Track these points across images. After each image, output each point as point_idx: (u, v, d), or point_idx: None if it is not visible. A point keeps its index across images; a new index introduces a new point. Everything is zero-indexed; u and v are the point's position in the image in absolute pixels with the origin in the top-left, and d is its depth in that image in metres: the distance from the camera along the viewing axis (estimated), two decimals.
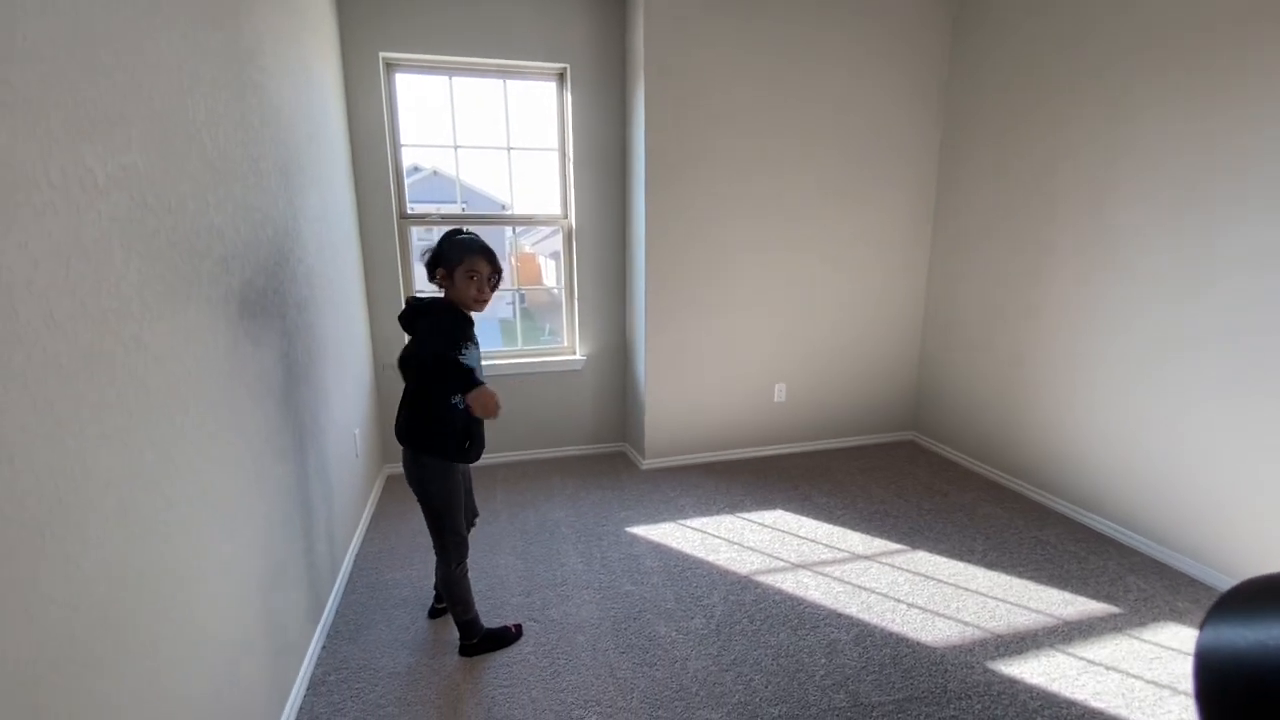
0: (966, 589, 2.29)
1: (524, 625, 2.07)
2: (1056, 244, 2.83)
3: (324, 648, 1.98)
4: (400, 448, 1.86)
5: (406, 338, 1.84)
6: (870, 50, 3.27)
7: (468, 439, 1.83)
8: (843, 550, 2.56)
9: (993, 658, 1.93)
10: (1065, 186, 2.77)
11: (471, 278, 1.76)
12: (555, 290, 3.65)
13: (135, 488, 1.03)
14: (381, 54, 2.99)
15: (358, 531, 2.65)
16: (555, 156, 3.42)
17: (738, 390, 3.49)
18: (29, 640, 0.79)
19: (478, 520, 2.07)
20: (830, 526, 2.76)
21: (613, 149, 3.36)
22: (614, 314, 3.58)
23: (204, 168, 1.36)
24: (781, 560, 2.48)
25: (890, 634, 2.05)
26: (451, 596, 1.92)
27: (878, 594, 2.26)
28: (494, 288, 1.82)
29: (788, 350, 3.53)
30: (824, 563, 2.46)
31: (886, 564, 2.46)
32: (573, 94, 3.24)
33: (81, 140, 0.94)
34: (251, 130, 1.66)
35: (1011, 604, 2.20)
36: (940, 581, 2.34)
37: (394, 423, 1.89)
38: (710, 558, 2.49)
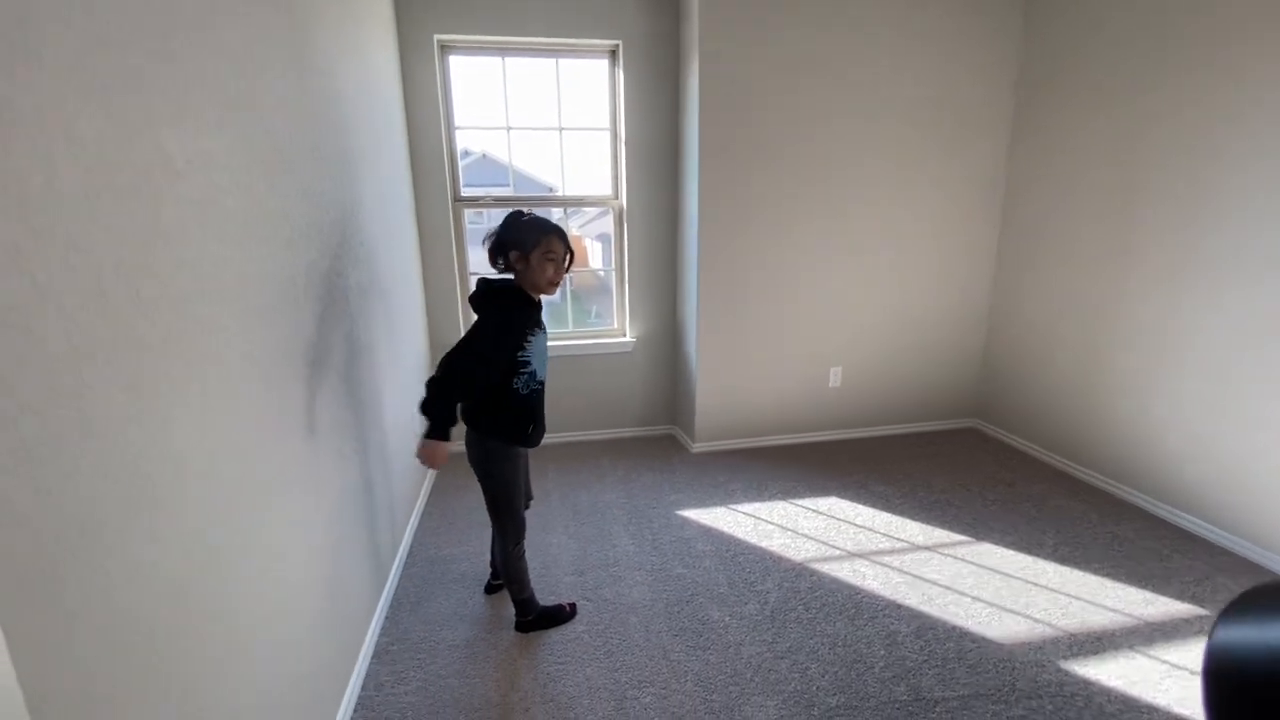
0: (1036, 584, 2.18)
1: (577, 604, 2.10)
2: (1145, 220, 2.62)
3: (387, 617, 2.05)
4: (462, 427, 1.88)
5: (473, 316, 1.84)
6: (938, 14, 3.09)
7: (531, 423, 1.85)
8: (901, 540, 2.48)
9: (1065, 657, 1.84)
10: (1156, 157, 2.56)
11: (550, 260, 1.73)
12: (602, 273, 3.64)
13: (213, 464, 1.07)
14: (436, 36, 3.00)
15: (416, 507, 2.73)
16: (606, 136, 3.38)
17: (791, 374, 3.41)
18: (117, 609, 0.83)
19: (532, 502, 2.10)
20: (888, 515, 2.68)
21: (664, 127, 3.29)
22: (664, 296, 3.54)
23: (272, 152, 1.39)
24: (837, 549, 2.42)
25: (953, 628, 1.97)
26: (509, 575, 1.96)
27: (939, 586, 2.18)
28: (567, 269, 1.79)
29: (843, 333, 3.42)
30: (882, 552, 2.39)
31: (948, 555, 2.37)
32: (625, 72, 3.19)
33: (160, 126, 0.96)
34: (314, 115, 1.69)
35: (1086, 601, 2.09)
36: (1007, 575, 2.24)
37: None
38: (763, 543, 2.46)
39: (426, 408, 1.70)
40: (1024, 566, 2.29)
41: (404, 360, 2.65)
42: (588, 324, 3.92)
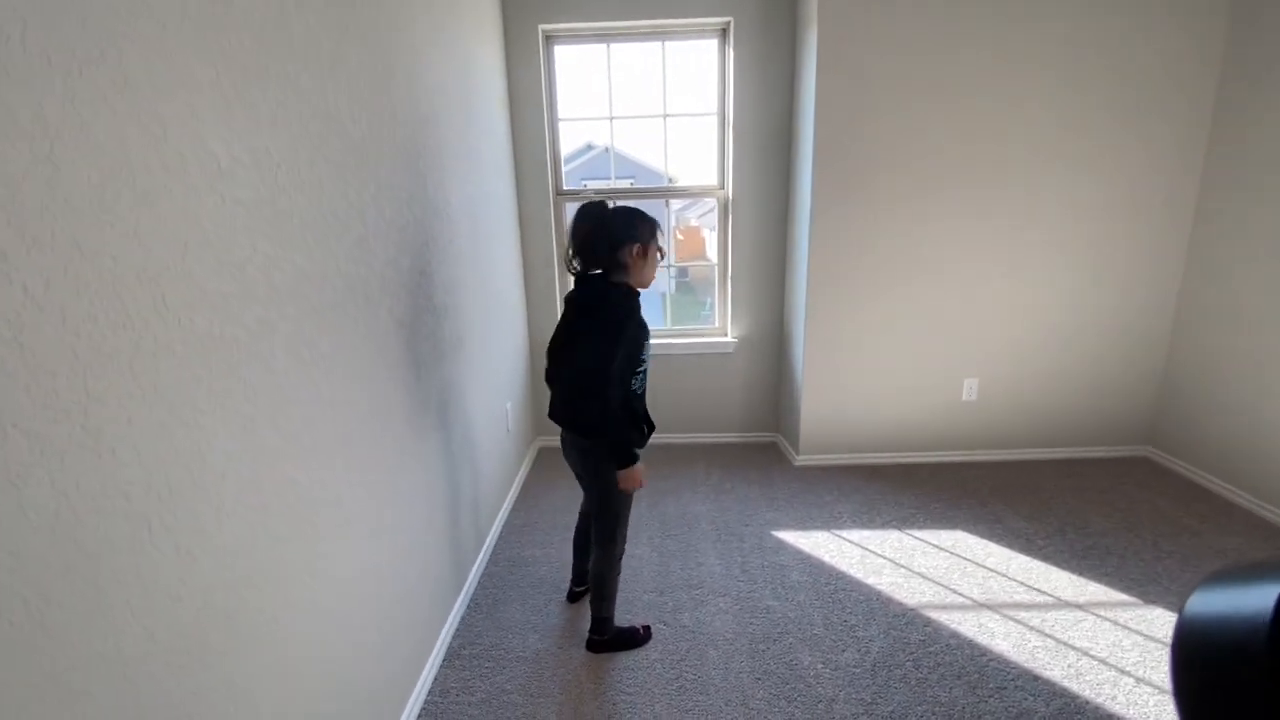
0: None
1: (653, 628, 1.95)
2: None
3: (463, 619, 2.03)
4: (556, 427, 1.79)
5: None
6: None
7: (646, 424, 1.75)
8: (1044, 593, 2.07)
9: None
10: None
11: (660, 252, 1.71)
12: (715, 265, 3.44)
13: (258, 472, 1.04)
14: (541, 26, 2.95)
15: (505, 503, 2.72)
16: (713, 123, 3.17)
17: (915, 384, 3.02)
18: (135, 633, 0.79)
19: None
20: (1028, 559, 2.26)
21: (777, 112, 3.02)
22: (771, 293, 3.28)
23: (345, 149, 1.35)
24: (960, 595, 2.07)
25: (1110, 715, 1.59)
26: (600, 587, 1.83)
27: (1093, 658, 1.78)
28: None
29: (982, 340, 2.97)
30: (1017, 605, 2.01)
31: (1106, 618, 1.94)
32: (735, 51, 2.95)
33: (202, 123, 0.92)
34: (396, 111, 1.66)
35: None
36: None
37: (551, 406, 1.82)
38: (869, 580, 2.16)
39: (617, 449, 1.64)
40: None
41: (497, 356, 2.64)
42: (700, 318, 3.77)
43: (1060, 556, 2.27)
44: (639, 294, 1.68)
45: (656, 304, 3.99)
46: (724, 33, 3.02)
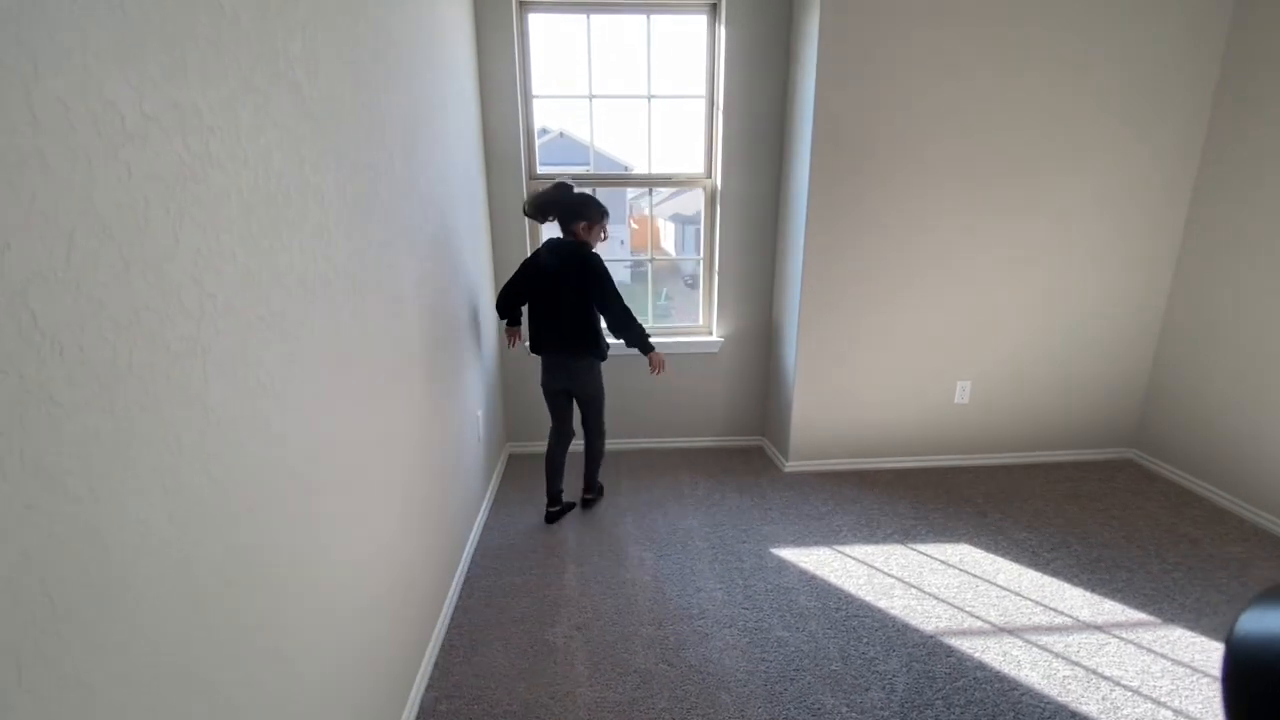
0: None
1: (656, 669, 1.75)
2: None
3: (437, 665, 1.77)
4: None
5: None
6: None
7: (607, 345, 2.47)
8: (1061, 613, 1.97)
9: None
10: None
11: (604, 237, 2.44)
12: (675, 256, 3.22)
13: (271, 476, 0.76)
14: None
15: (477, 522, 2.46)
16: (701, 106, 2.94)
17: (908, 386, 2.90)
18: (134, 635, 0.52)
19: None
20: (1038, 575, 2.16)
21: (771, 97, 2.82)
22: (760, 290, 3.10)
23: (299, 114, 1.07)
24: (978, 618, 1.95)
25: None
26: (597, 462, 2.61)
27: (1125, 688, 1.68)
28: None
29: (975, 342, 2.87)
30: (1037, 629, 1.90)
31: (1129, 641, 1.85)
32: (727, 28, 2.73)
33: (95, 63, 0.64)
34: (362, 72, 1.36)
35: None
36: (1218, 679, 1.70)
37: (540, 335, 2.41)
38: (881, 603, 2.02)
39: (639, 339, 2.39)
40: None
41: (466, 359, 2.36)
42: (657, 307, 3.56)
43: (1069, 571, 2.18)
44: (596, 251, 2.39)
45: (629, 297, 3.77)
46: (714, 9, 2.80)
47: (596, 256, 2.36)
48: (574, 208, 2.31)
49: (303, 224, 1.08)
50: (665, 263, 3.76)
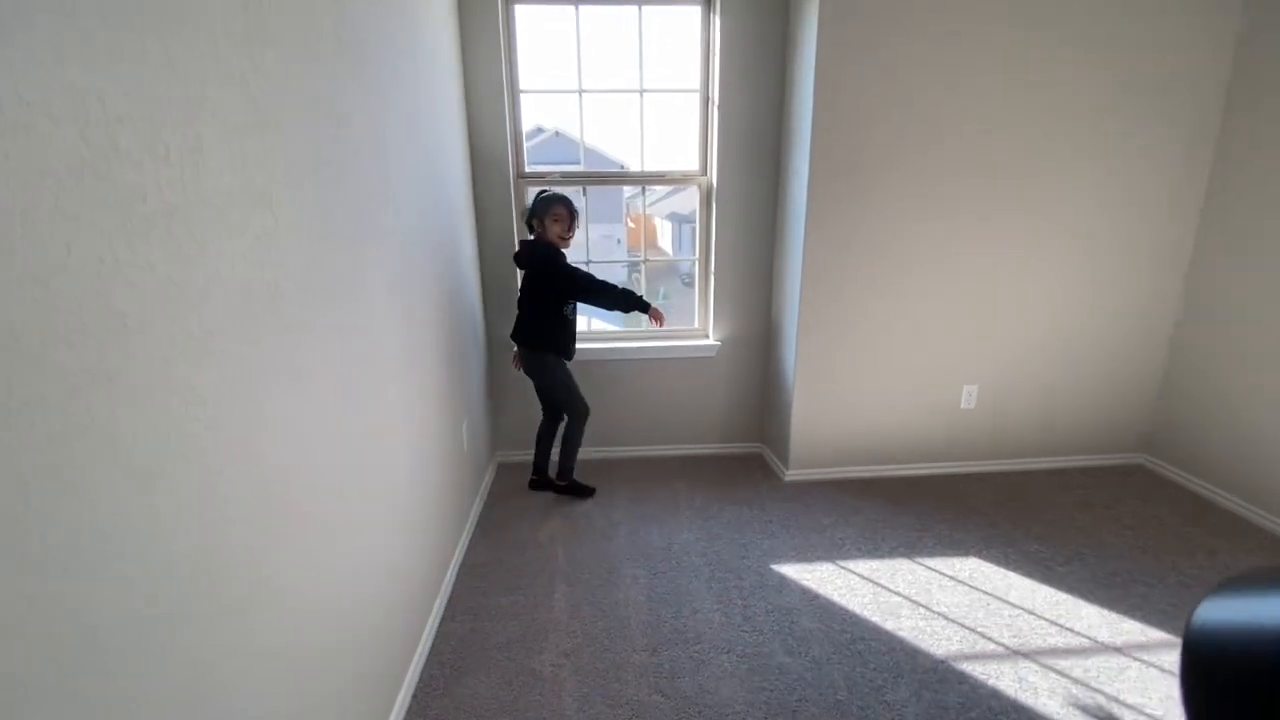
0: None
1: (650, 699, 1.63)
2: None
3: (414, 698, 1.65)
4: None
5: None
6: None
7: (572, 341, 2.59)
8: (1078, 633, 1.86)
9: None
10: None
11: (556, 221, 2.45)
12: (672, 255, 3.11)
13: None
14: None
15: (463, 537, 2.34)
16: (695, 101, 2.83)
17: (912, 391, 2.79)
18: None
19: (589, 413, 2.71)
20: (1052, 590, 2.06)
21: (768, 90, 2.71)
22: (757, 291, 2.98)
23: (243, 103, 0.95)
24: (991, 640, 1.84)
25: None
26: (570, 448, 2.68)
27: (1148, 717, 1.57)
28: (573, 230, 2.50)
29: (982, 345, 2.77)
30: (1054, 652, 1.79)
31: (1151, 665, 1.74)
32: (722, 19, 2.62)
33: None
34: (324, 62, 1.25)
35: None
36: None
37: (513, 330, 2.61)
38: (888, 624, 1.91)
39: (630, 300, 2.48)
40: None
41: (450, 365, 2.25)
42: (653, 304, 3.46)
43: (1084, 586, 2.08)
44: (559, 249, 2.49)
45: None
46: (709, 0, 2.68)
47: (553, 254, 2.44)
48: (533, 207, 2.48)
49: (246, 228, 0.96)
50: (661, 262, 3.65)
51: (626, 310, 2.51)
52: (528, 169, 2.85)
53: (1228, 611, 0.41)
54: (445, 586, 2.06)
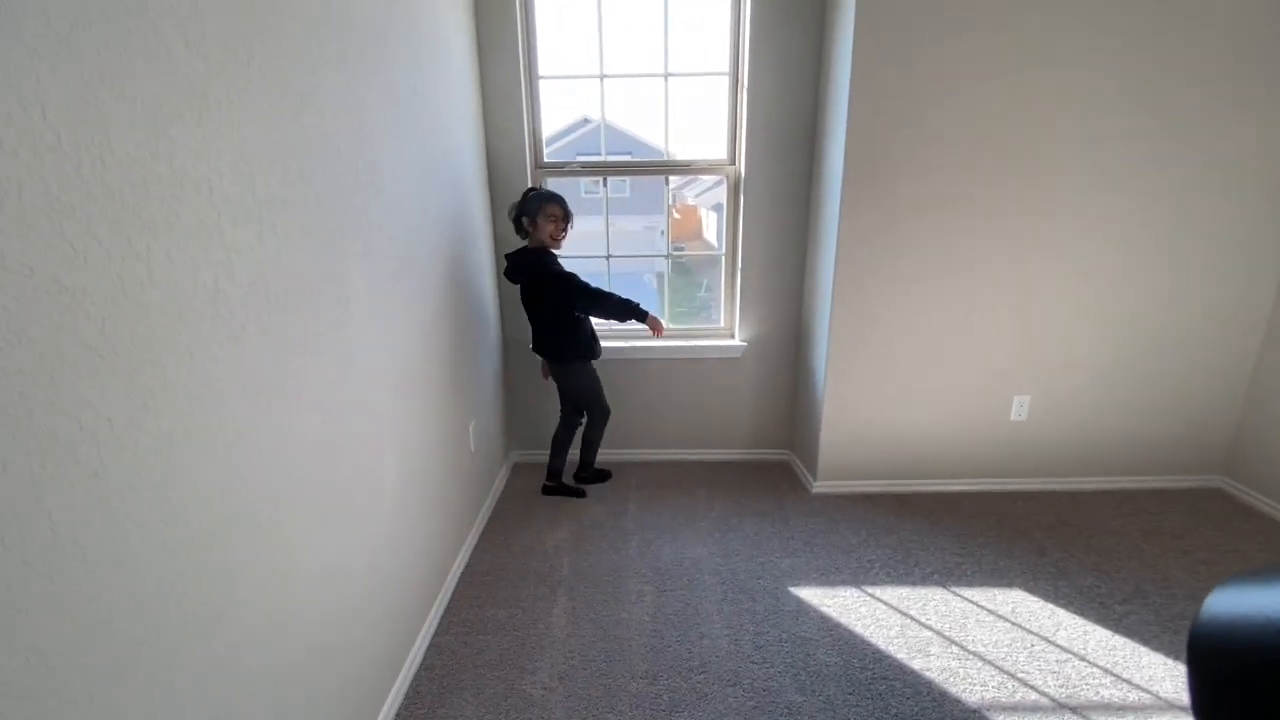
0: None
1: None
2: None
3: (397, 716, 1.57)
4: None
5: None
6: None
7: (594, 339, 2.47)
8: (1138, 686, 1.64)
9: None
10: None
11: (551, 220, 2.28)
12: (717, 247, 2.95)
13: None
14: None
15: (468, 541, 2.26)
16: (724, 85, 2.65)
17: (956, 400, 2.56)
18: None
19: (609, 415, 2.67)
20: (1107, 633, 1.83)
21: (802, 72, 2.51)
22: (788, 289, 2.79)
23: (166, 82, 0.85)
24: (1033, 689, 1.63)
25: None
26: (590, 445, 2.67)
27: None
28: (565, 229, 2.35)
29: (1036, 351, 2.51)
30: (1108, 707, 1.57)
31: None
32: None
33: None
34: (292, 39, 1.15)
35: None
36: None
37: (532, 344, 2.54)
38: (915, 663, 1.72)
39: (626, 310, 2.37)
40: None
41: (459, 364, 2.16)
42: (695, 300, 3.31)
43: (1146, 630, 1.84)
44: (551, 253, 2.35)
45: (649, 287, 3.53)
46: None
47: (545, 259, 2.30)
48: (518, 207, 2.32)
49: (174, 223, 0.87)
50: (699, 257, 3.52)
51: (623, 320, 2.40)
52: (546, 159, 2.73)
53: (1234, 604, 0.41)
54: (444, 594, 1.98)
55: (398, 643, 1.63)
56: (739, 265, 2.78)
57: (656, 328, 2.43)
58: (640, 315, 2.39)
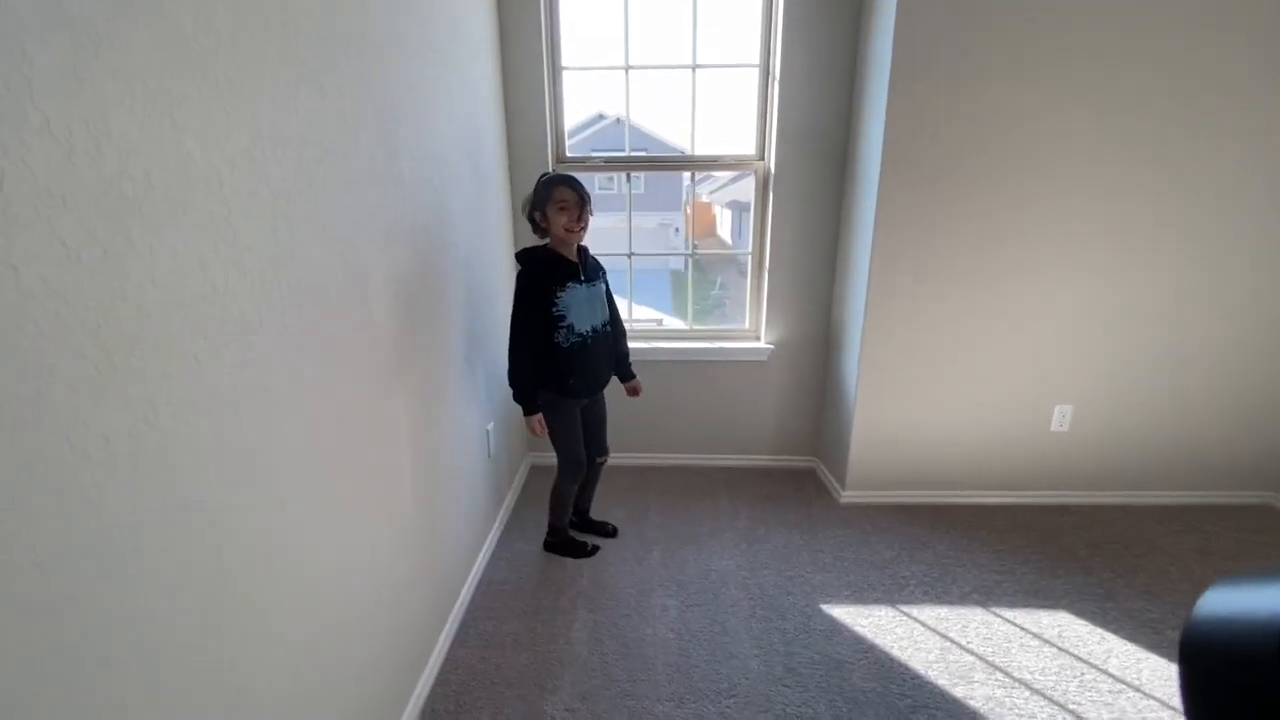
0: None
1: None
2: None
3: None
4: None
5: None
6: None
7: (571, 375, 1.96)
8: None
9: None
10: None
11: (562, 209, 1.87)
12: (732, 245, 2.84)
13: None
14: None
15: (484, 548, 2.19)
16: (754, 76, 2.54)
17: (994, 408, 2.45)
18: None
19: (604, 459, 2.26)
20: (1161, 661, 1.71)
21: (838, 65, 2.40)
22: (818, 290, 2.69)
23: (166, 62, 0.78)
24: None
25: None
26: (553, 501, 2.18)
27: None
28: (583, 218, 1.89)
29: (1079, 359, 2.38)
30: None
31: None
32: None
33: None
34: (304, 20, 1.07)
35: None
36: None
37: None
38: (957, 690, 1.62)
39: (510, 380, 1.94)
40: None
41: (474, 366, 2.08)
42: (709, 296, 3.21)
43: None
44: (556, 254, 1.93)
45: (666, 285, 3.44)
46: None
47: (524, 259, 1.93)
48: (534, 195, 1.93)
49: (178, 215, 0.79)
50: (715, 255, 3.40)
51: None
52: (569, 154, 2.64)
53: (1226, 605, 0.41)
54: (460, 604, 1.91)
55: (414, 655, 1.55)
56: (766, 265, 2.68)
57: (528, 428, 1.98)
58: (516, 398, 1.96)
